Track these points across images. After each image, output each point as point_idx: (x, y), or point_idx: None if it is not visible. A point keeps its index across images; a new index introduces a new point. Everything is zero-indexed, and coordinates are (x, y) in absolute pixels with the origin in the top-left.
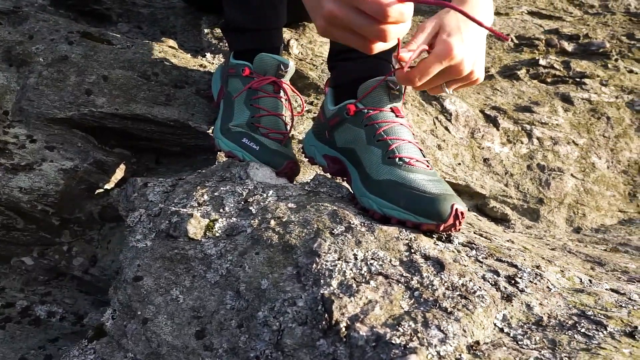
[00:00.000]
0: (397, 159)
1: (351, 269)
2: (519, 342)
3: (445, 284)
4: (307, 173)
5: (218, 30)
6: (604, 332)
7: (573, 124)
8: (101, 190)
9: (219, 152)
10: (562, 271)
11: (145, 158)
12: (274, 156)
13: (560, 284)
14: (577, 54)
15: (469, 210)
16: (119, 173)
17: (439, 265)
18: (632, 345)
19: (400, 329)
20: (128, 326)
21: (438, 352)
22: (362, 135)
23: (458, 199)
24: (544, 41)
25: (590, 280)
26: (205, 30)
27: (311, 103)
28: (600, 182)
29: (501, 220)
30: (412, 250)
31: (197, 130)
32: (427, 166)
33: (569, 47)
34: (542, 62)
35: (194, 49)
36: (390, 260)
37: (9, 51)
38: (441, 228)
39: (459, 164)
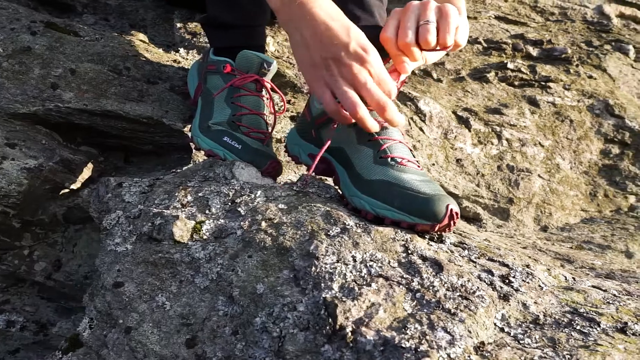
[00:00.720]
0: (389, 159)
1: (351, 272)
2: (521, 342)
3: (445, 285)
4: (287, 173)
5: (191, 25)
6: (598, 328)
7: (539, 126)
8: (66, 190)
9: (195, 151)
10: (548, 269)
11: (113, 157)
12: (256, 155)
13: (550, 282)
14: (541, 59)
15: None
16: (86, 172)
17: (437, 266)
18: (625, 341)
19: (407, 332)
20: (109, 336)
21: (448, 355)
22: (353, 134)
23: (451, 199)
24: (510, 45)
25: (574, 278)
26: (178, 25)
27: (288, 102)
28: (564, 183)
29: (473, 219)
30: (409, 252)
31: (171, 128)
32: (418, 166)
33: (533, 51)
34: (510, 65)
35: (166, 44)
36: (389, 262)
37: None
38: (436, 228)
39: (433, 164)
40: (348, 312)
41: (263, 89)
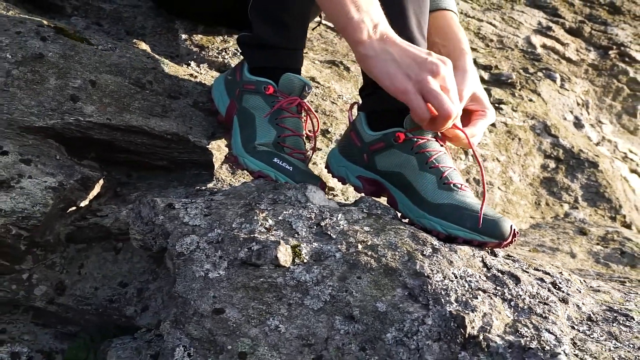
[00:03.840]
0: (452, 185)
1: (457, 287)
2: (591, 336)
3: (527, 293)
4: None
5: (197, 37)
6: (634, 321)
7: (496, 143)
8: (74, 208)
9: (216, 168)
10: (569, 274)
11: (115, 171)
12: (306, 176)
13: (581, 286)
14: (492, 82)
15: None
16: (96, 189)
17: (515, 278)
18: None
19: (523, 335)
20: None
21: (564, 351)
22: (413, 161)
23: (511, 220)
24: None
25: (584, 281)
26: (183, 36)
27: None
28: (516, 193)
29: None
30: (488, 267)
31: (195, 145)
32: (470, 190)
33: (485, 75)
34: None
35: (167, 54)
36: (480, 277)
37: None
38: (502, 245)
39: None
40: (473, 322)
41: (302, 111)
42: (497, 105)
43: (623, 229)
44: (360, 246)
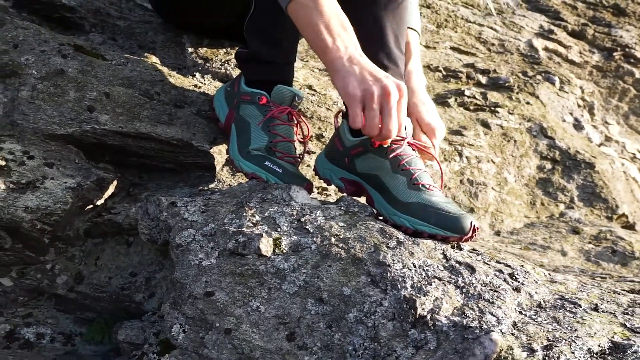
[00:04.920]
0: (420, 185)
1: (415, 275)
2: (535, 320)
3: (480, 282)
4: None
5: (202, 50)
6: (580, 308)
7: (491, 145)
8: (91, 206)
9: (217, 170)
10: (533, 268)
11: (128, 173)
12: (295, 178)
13: (539, 277)
14: (489, 86)
15: None
16: (111, 189)
17: (471, 268)
18: (599, 316)
19: (468, 317)
20: (207, 337)
21: (500, 330)
22: (387, 164)
23: (472, 217)
24: (465, 74)
25: (549, 274)
26: (189, 49)
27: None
28: (511, 194)
29: None
30: (448, 258)
31: (198, 149)
32: (439, 190)
33: (483, 79)
34: (466, 92)
35: (176, 67)
36: (437, 267)
37: None
38: (463, 239)
39: None
40: (423, 305)
41: (293, 119)
42: (492, 108)
43: (617, 228)
44: (333, 239)
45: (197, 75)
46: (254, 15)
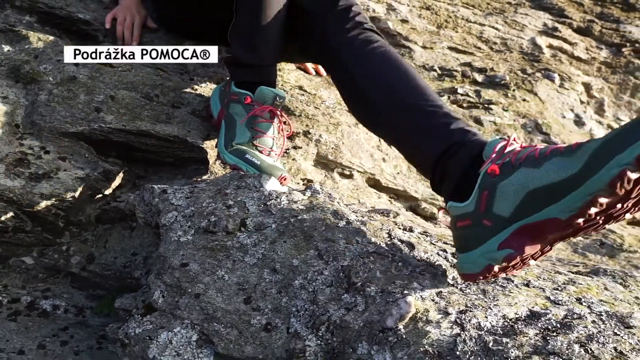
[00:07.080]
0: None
1: (356, 249)
2: (464, 291)
3: (417, 258)
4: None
5: None
6: (512, 284)
7: None
8: (100, 195)
9: (212, 163)
10: None
11: (135, 167)
12: (271, 169)
13: None
14: (485, 84)
15: (406, 210)
16: (117, 180)
17: (411, 246)
18: (528, 290)
19: (396, 284)
20: (180, 301)
21: (421, 296)
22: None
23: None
24: (460, 72)
25: None
26: None
27: (284, 122)
28: None
29: (430, 218)
30: (392, 237)
31: (193, 145)
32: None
33: (479, 78)
34: (460, 90)
35: (178, 71)
36: (379, 244)
37: (17, 69)
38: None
39: (398, 173)
40: (357, 274)
41: (275, 117)
42: (486, 105)
43: None
44: (292, 219)
45: (196, 79)
46: (236, 22)
